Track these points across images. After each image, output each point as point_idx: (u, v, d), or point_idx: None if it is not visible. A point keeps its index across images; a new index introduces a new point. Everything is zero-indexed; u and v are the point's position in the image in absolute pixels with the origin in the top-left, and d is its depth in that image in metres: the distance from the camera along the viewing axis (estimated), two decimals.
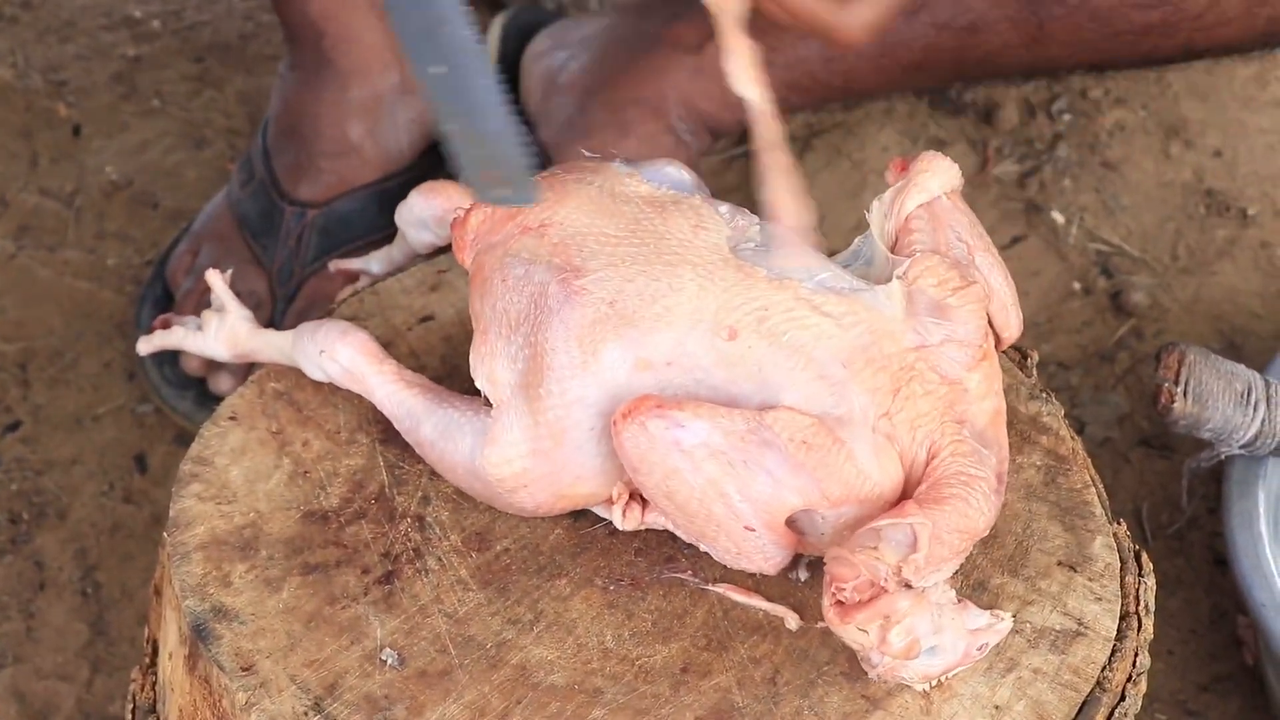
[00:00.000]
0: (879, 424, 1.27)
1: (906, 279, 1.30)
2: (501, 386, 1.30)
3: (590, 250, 1.30)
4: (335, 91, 1.96)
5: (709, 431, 1.24)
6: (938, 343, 1.29)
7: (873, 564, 1.22)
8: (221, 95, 2.24)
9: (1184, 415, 1.64)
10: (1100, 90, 2.21)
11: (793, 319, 1.27)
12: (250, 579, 1.32)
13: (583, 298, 1.28)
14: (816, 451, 1.25)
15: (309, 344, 1.39)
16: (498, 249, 1.32)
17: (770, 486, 1.25)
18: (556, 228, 1.31)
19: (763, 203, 1.33)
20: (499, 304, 1.30)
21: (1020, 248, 2.11)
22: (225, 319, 1.44)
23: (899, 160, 1.37)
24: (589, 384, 1.28)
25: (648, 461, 1.26)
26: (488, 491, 1.33)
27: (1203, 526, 1.92)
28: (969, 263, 1.34)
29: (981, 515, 1.26)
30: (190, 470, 1.38)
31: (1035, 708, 1.27)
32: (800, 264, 1.30)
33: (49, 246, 2.11)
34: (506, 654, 1.29)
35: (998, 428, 1.31)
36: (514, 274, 1.30)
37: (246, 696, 1.26)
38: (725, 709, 1.26)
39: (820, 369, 1.27)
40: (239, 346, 1.44)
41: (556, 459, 1.29)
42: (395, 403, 1.36)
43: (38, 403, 1.99)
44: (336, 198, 1.98)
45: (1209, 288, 2.08)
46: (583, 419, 1.28)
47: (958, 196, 1.36)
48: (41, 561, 1.89)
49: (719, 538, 1.29)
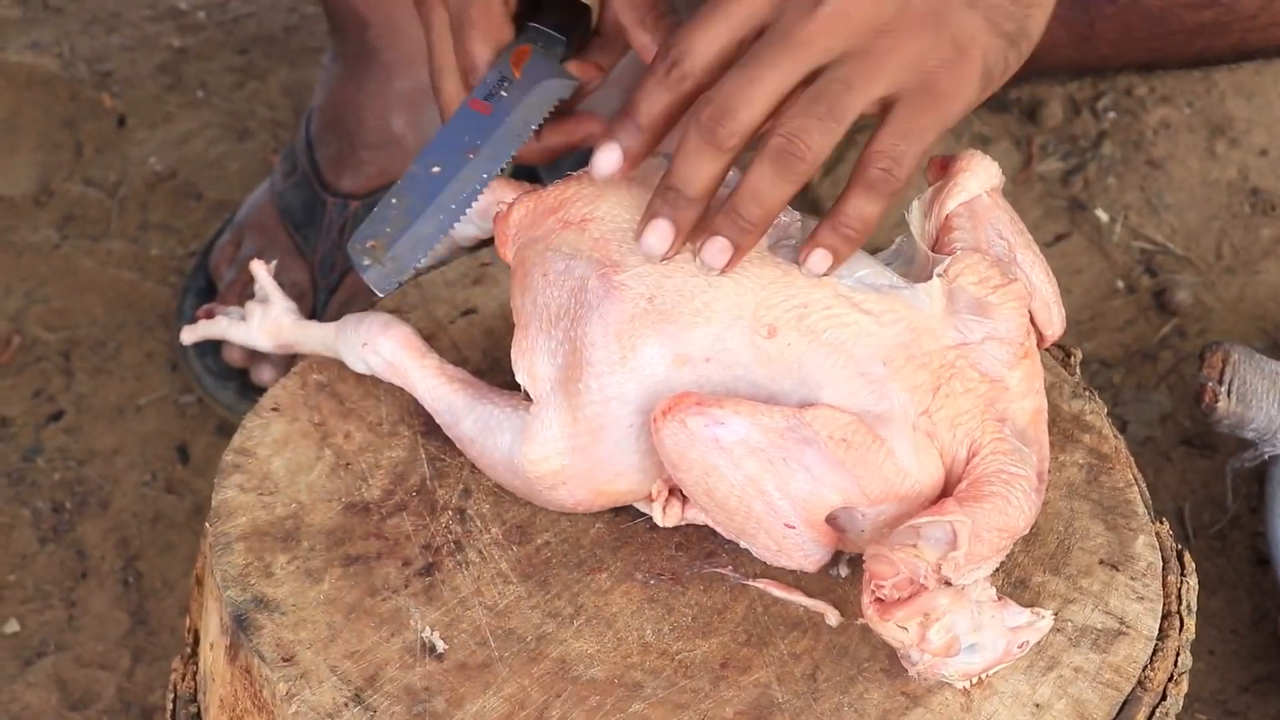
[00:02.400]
0: (919, 421, 1.27)
1: (947, 276, 1.30)
2: (541, 382, 1.30)
3: (630, 245, 1.29)
4: (378, 83, 1.97)
5: (749, 428, 1.24)
6: (979, 340, 1.29)
7: (912, 561, 1.22)
8: (265, 87, 2.25)
9: (1227, 414, 1.63)
10: (1145, 88, 2.20)
11: (832, 316, 1.27)
12: (291, 570, 1.32)
13: (622, 293, 1.28)
14: (856, 449, 1.25)
15: (352, 336, 1.40)
16: (539, 244, 1.32)
17: (810, 484, 1.25)
18: (597, 223, 1.31)
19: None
20: (539, 299, 1.30)
21: (1064, 246, 2.10)
22: (269, 310, 1.45)
23: (937, 159, 1.37)
24: (628, 380, 1.27)
25: (687, 458, 1.26)
26: (527, 488, 1.33)
27: (1245, 526, 1.91)
28: (1010, 260, 1.33)
29: (1022, 514, 1.26)
30: (232, 461, 1.39)
31: (1076, 706, 1.27)
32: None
33: (93, 237, 2.12)
34: (546, 647, 1.29)
35: (1038, 427, 1.31)
36: (555, 269, 1.30)
37: (287, 687, 1.26)
38: (765, 705, 1.26)
39: (860, 366, 1.26)
40: (282, 337, 1.44)
41: (595, 456, 1.29)
42: (436, 397, 1.36)
43: (80, 392, 2.00)
44: (379, 189, 1.98)
45: (1253, 287, 2.07)
46: (621, 415, 1.28)
47: (998, 194, 1.36)
48: (83, 551, 1.90)
49: (759, 535, 1.29)
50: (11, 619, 1.85)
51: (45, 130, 2.20)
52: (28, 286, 2.07)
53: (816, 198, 2.09)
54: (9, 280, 2.08)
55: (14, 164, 2.17)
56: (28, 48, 2.26)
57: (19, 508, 1.92)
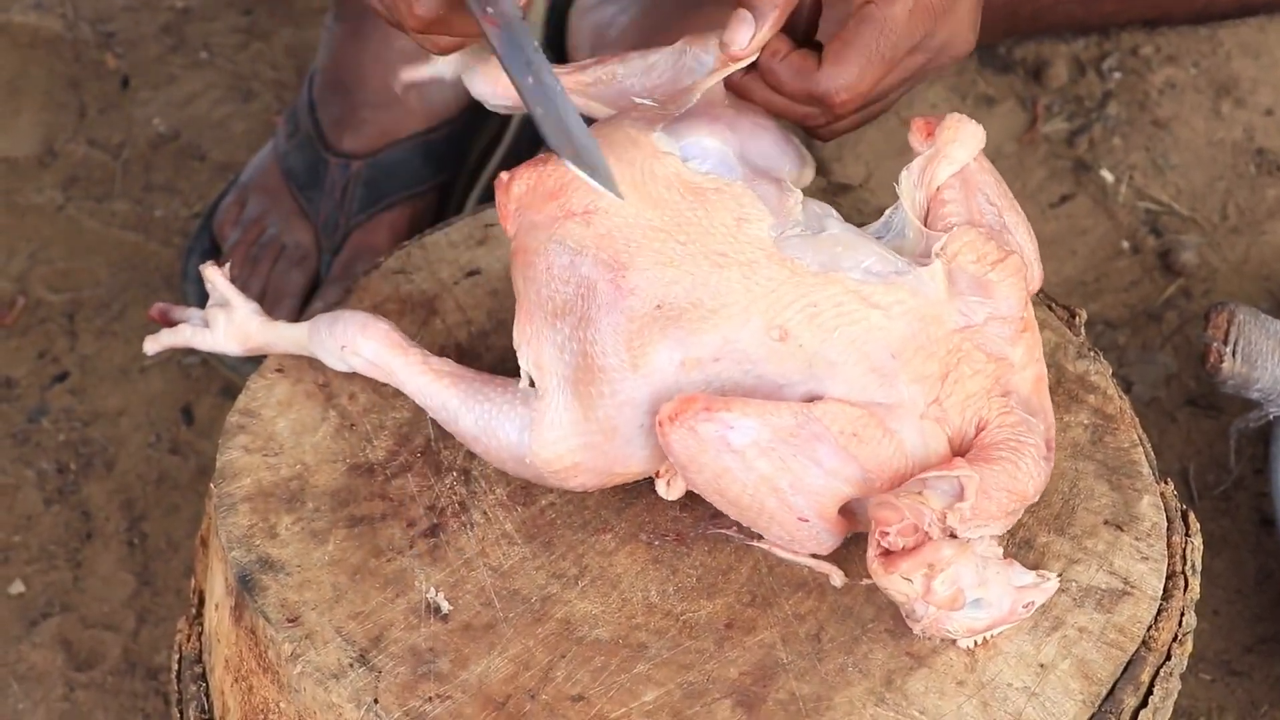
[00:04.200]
0: (930, 410, 1.27)
1: (946, 256, 1.29)
2: (549, 375, 1.29)
3: (636, 244, 1.28)
4: (379, 43, 1.96)
5: (758, 429, 1.24)
6: (982, 322, 1.29)
7: (918, 508, 1.22)
8: (269, 48, 2.24)
9: (1232, 375, 1.63)
10: (1151, 48, 2.19)
11: (843, 314, 1.27)
12: (296, 531, 1.33)
13: (630, 300, 1.27)
14: (866, 444, 1.25)
15: (328, 339, 1.37)
16: (540, 231, 1.30)
17: (822, 479, 1.25)
18: (601, 216, 1.29)
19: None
20: (543, 290, 1.29)
21: (1069, 206, 2.10)
22: (232, 314, 1.41)
23: (922, 122, 1.36)
24: (639, 385, 1.27)
25: (698, 462, 1.25)
26: (536, 476, 1.32)
27: (1249, 487, 1.91)
28: (1001, 227, 1.33)
29: (1031, 479, 1.26)
30: (237, 422, 1.39)
31: (1080, 666, 1.27)
32: (845, 251, 1.29)
33: (97, 198, 2.11)
34: (551, 608, 1.29)
35: (1041, 394, 1.31)
36: (559, 262, 1.29)
37: (292, 648, 1.27)
38: (769, 665, 1.26)
39: (871, 362, 1.26)
40: (250, 341, 1.41)
41: (608, 452, 1.29)
42: (427, 395, 1.34)
43: (85, 353, 2.00)
44: (381, 149, 1.98)
45: (1258, 247, 2.07)
46: (633, 417, 1.28)
47: (982, 156, 1.35)
48: (89, 511, 1.90)
49: (771, 527, 1.29)
50: (17, 580, 1.85)
51: (49, 91, 2.19)
52: (32, 248, 2.07)
53: (829, 179, 2.09)
54: (13, 242, 2.08)
55: (18, 125, 2.17)
56: (31, 8, 2.25)
57: (24, 469, 1.92)
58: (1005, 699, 1.25)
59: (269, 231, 1.97)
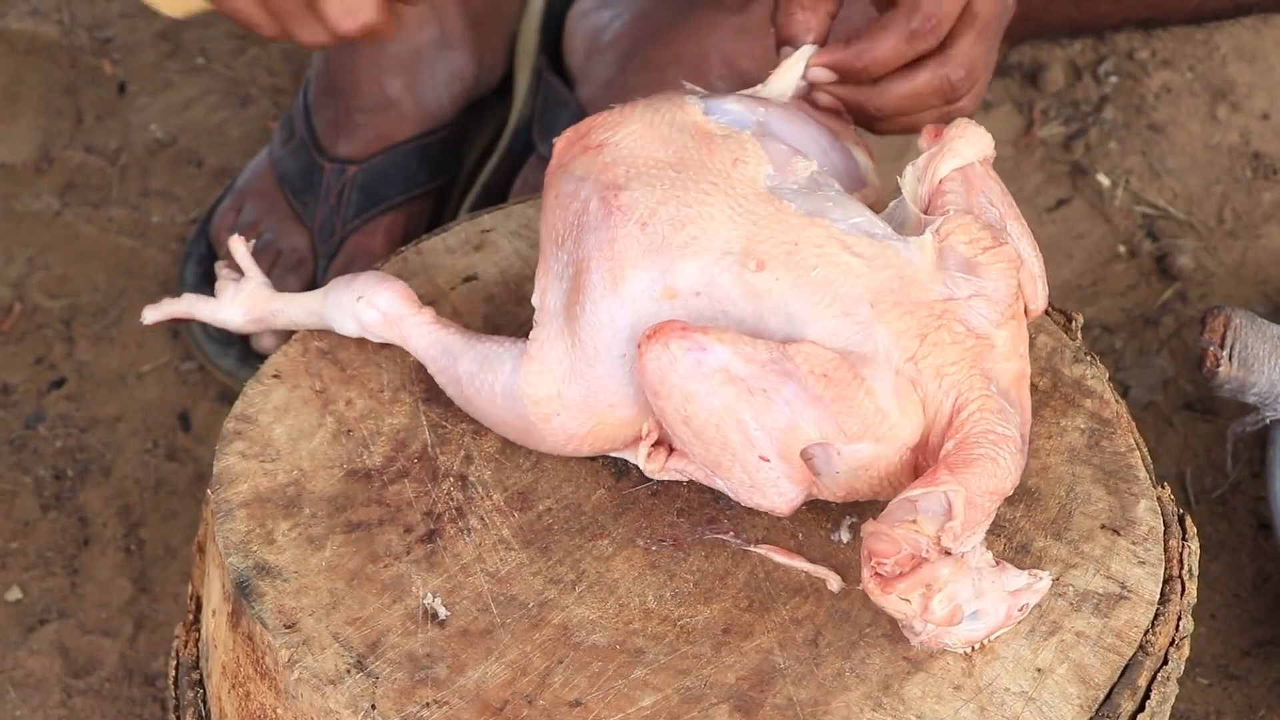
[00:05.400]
0: (904, 367, 1.26)
1: (939, 235, 1.30)
2: (548, 308, 1.32)
3: (635, 172, 1.31)
4: (373, 47, 1.96)
5: (730, 356, 1.25)
6: (966, 297, 1.29)
7: (913, 538, 1.22)
8: (266, 53, 2.24)
9: (1229, 379, 1.63)
10: (1147, 52, 2.20)
11: (822, 255, 1.28)
12: (293, 537, 1.33)
13: (615, 217, 1.29)
14: (836, 385, 1.25)
15: (345, 292, 1.40)
16: (562, 169, 1.35)
17: (787, 416, 1.25)
18: (611, 148, 1.33)
19: None
20: (549, 218, 1.33)
21: (1065, 210, 2.10)
22: (244, 285, 1.44)
23: (933, 127, 1.37)
24: (617, 308, 1.28)
25: (667, 384, 1.26)
26: (523, 423, 1.33)
27: (1246, 491, 1.91)
28: (1000, 227, 1.33)
29: (1009, 475, 1.26)
30: (234, 428, 1.39)
31: (1077, 670, 1.27)
32: (836, 206, 1.30)
33: (94, 204, 2.11)
34: (548, 613, 1.29)
35: (1021, 390, 1.31)
36: (565, 190, 1.32)
37: (289, 654, 1.27)
38: (767, 670, 1.26)
39: (846, 306, 1.26)
40: (258, 309, 1.43)
41: (591, 381, 1.30)
42: (432, 341, 1.37)
43: (82, 360, 2.00)
44: (376, 154, 1.98)
45: (1255, 251, 2.07)
46: (613, 344, 1.29)
47: (989, 165, 1.36)
48: (85, 518, 1.90)
49: (734, 469, 1.28)
50: (14, 586, 1.85)
51: (46, 97, 2.20)
52: (29, 254, 2.07)
53: None
54: (10, 247, 2.08)
55: (15, 131, 2.17)
56: (28, 14, 2.25)
57: (21, 475, 1.92)
58: (1003, 703, 1.25)
59: (265, 237, 1.98)
